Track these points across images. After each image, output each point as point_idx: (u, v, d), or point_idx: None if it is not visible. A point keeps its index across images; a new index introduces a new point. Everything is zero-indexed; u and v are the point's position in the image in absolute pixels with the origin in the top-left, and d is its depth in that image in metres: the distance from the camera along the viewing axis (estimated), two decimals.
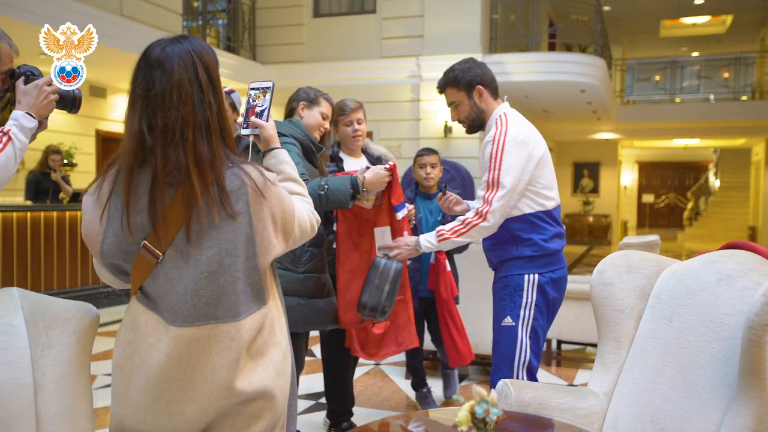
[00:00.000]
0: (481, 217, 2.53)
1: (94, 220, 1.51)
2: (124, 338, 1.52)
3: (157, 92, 1.47)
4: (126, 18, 7.45)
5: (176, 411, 1.49)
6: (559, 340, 5.10)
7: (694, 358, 1.81)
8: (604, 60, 10.58)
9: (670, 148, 21.21)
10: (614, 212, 18.55)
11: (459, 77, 2.66)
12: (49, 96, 1.97)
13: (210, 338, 1.47)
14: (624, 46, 18.24)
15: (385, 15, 9.92)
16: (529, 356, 2.59)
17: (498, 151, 2.51)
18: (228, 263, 1.47)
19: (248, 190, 1.48)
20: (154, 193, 1.46)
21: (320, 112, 2.86)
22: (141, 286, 1.51)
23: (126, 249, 1.50)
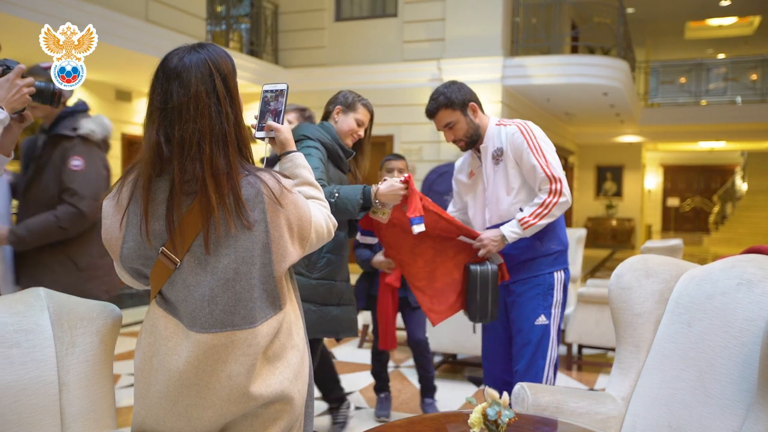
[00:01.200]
0: (557, 194, 2.60)
1: (114, 225, 1.54)
2: (145, 341, 1.55)
3: (174, 104, 1.48)
4: (151, 23, 7.55)
5: (194, 415, 1.52)
6: (580, 345, 5.07)
7: (713, 363, 1.80)
8: (627, 62, 10.49)
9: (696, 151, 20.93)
10: (638, 216, 18.35)
11: (452, 98, 2.70)
12: (22, 89, 1.93)
13: (227, 345, 1.48)
14: (648, 48, 18.04)
15: (407, 18, 9.93)
16: (556, 354, 2.72)
17: (538, 147, 2.63)
18: (244, 271, 1.49)
19: (264, 198, 1.50)
20: (171, 203, 1.48)
21: (356, 118, 2.75)
22: (160, 290, 1.54)
23: (145, 254, 1.52)
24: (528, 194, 2.68)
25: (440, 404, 4.07)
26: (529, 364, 2.65)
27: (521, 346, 2.68)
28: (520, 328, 2.69)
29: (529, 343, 2.66)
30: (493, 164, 2.72)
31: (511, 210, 2.69)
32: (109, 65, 7.91)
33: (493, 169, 2.72)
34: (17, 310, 1.60)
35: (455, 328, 4.41)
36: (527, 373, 2.63)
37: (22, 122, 2.08)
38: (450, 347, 4.55)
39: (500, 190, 2.70)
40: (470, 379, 4.69)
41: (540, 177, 2.61)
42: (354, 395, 4.26)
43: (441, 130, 2.76)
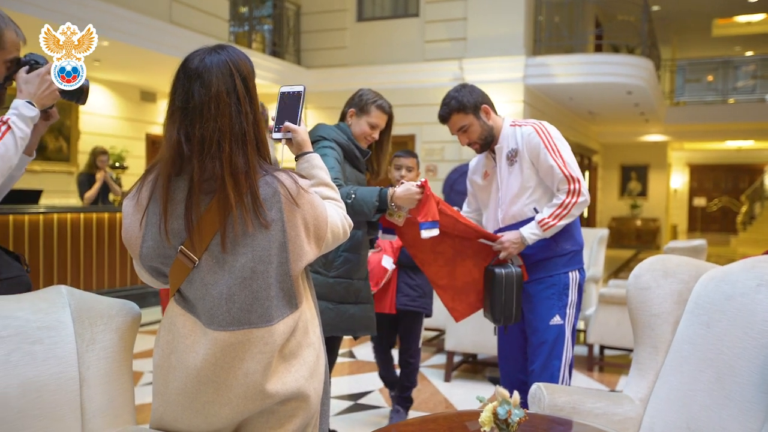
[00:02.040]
0: (576, 194, 2.60)
1: (134, 224, 1.57)
2: (163, 339, 1.58)
3: (195, 104, 1.50)
4: (174, 25, 7.64)
5: (211, 411, 1.54)
6: (602, 346, 5.03)
7: (732, 364, 1.78)
8: (651, 61, 10.37)
9: (723, 150, 20.62)
10: (663, 216, 18.14)
11: (464, 102, 2.70)
12: (52, 86, 1.92)
13: (244, 343, 1.50)
14: (674, 46, 17.82)
15: (428, 18, 9.93)
16: (571, 354, 2.71)
17: (555, 147, 2.62)
18: (261, 270, 1.50)
19: (281, 198, 1.51)
20: (190, 201, 1.50)
21: (368, 122, 2.71)
22: (179, 288, 1.56)
23: (164, 253, 1.54)
24: (543, 194, 2.68)
25: (460, 404, 4.08)
26: (545, 364, 2.65)
27: (536, 346, 2.68)
28: (535, 327, 2.68)
29: (544, 343, 2.65)
30: (508, 165, 2.71)
31: (524, 210, 2.69)
32: (133, 67, 8.02)
33: (507, 170, 2.72)
34: (40, 308, 1.63)
35: (475, 328, 4.40)
36: (543, 373, 2.63)
37: (48, 120, 2.07)
38: (470, 347, 4.54)
39: (514, 191, 2.70)
40: (490, 380, 4.68)
41: (558, 177, 2.61)
42: (373, 394, 4.27)
43: (455, 134, 2.77)
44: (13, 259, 2.13)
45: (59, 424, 1.57)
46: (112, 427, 1.66)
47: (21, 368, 1.53)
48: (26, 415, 1.52)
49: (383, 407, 4.02)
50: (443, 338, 4.64)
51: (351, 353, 5.39)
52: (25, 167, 2.14)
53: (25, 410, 1.52)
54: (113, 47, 6.86)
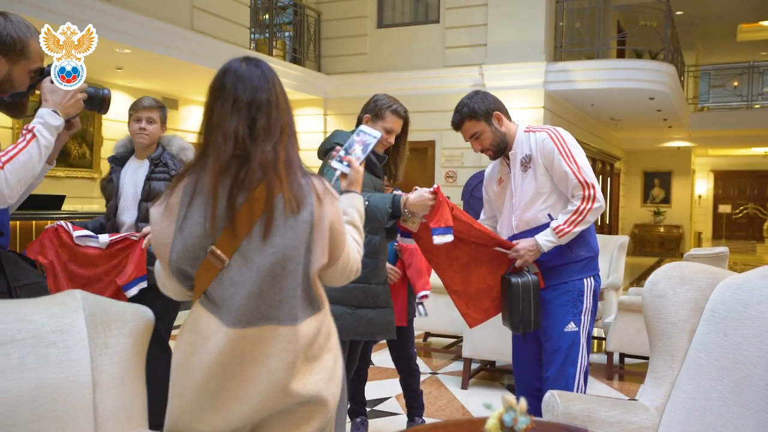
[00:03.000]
0: (591, 200, 2.59)
1: (163, 230, 1.58)
2: (186, 339, 1.59)
3: (262, 99, 1.58)
4: (196, 32, 7.71)
5: (233, 408, 1.55)
6: (622, 354, 4.98)
7: (749, 374, 1.75)
8: (673, 66, 10.27)
9: (749, 156, 20.32)
10: (687, 223, 17.90)
11: (476, 109, 2.71)
12: (76, 95, 1.96)
13: (270, 339, 1.53)
14: (698, 51, 17.61)
15: (449, 24, 9.92)
16: (586, 361, 2.69)
17: (569, 153, 2.62)
18: (291, 269, 1.54)
19: (314, 200, 1.56)
20: (232, 192, 1.54)
21: (384, 127, 2.71)
22: (205, 290, 1.57)
23: (194, 255, 1.56)
24: (557, 200, 2.67)
25: (477, 412, 4.06)
26: (559, 372, 2.63)
27: (551, 353, 2.66)
28: (549, 334, 2.66)
29: (558, 350, 2.63)
30: (522, 171, 2.71)
31: (538, 216, 2.67)
32: (155, 74, 8.11)
33: (521, 176, 2.71)
34: (54, 311, 1.65)
35: (493, 335, 4.37)
36: (557, 381, 2.61)
37: (70, 129, 2.10)
38: (487, 355, 4.51)
39: (528, 197, 2.69)
40: (508, 387, 4.64)
41: (572, 183, 2.60)
42: (390, 401, 4.26)
43: (468, 141, 2.77)
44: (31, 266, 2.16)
45: (72, 427, 1.59)
46: (124, 430, 1.68)
47: (35, 371, 1.56)
48: (40, 418, 1.54)
49: (400, 414, 4.01)
50: (461, 345, 4.61)
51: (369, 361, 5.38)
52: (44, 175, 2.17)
53: (38, 413, 1.54)
54: (135, 54, 6.95)
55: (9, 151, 1.83)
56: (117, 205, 3.13)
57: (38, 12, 5.51)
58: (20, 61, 1.93)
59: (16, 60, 1.91)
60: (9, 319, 1.59)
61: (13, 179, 1.81)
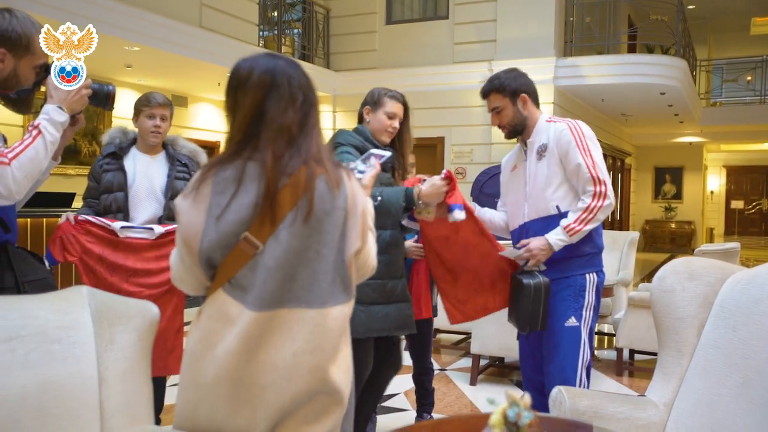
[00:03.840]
0: (602, 197, 2.58)
1: (192, 220, 1.56)
2: (208, 328, 1.56)
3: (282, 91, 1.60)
4: (204, 29, 7.73)
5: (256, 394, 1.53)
6: (632, 350, 4.95)
7: (759, 369, 1.73)
8: (685, 61, 10.18)
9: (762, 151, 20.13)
10: (699, 219, 17.78)
11: (505, 84, 2.72)
12: (81, 91, 1.97)
13: (297, 321, 1.54)
14: (710, 46, 17.47)
15: (458, 20, 9.89)
16: (589, 356, 2.67)
17: (586, 147, 2.61)
18: (325, 253, 1.57)
19: (347, 190, 1.61)
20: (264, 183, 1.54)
21: (385, 112, 2.75)
22: (231, 278, 1.55)
23: (227, 244, 1.54)
24: (567, 192, 2.66)
25: (485, 408, 4.04)
26: (561, 366, 2.62)
27: (551, 347, 2.65)
28: (550, 329, 2.65)
29: (559, 344, 2.63)
30: (537, 159, 2.71)
31: (549, 206, 2.66)
32: (164, 71, 8.13)
33: (536, 165, 2.71)
34: (60, 307, 1.65)
35: (501, 332, 4.36)
36: (558, 375, 2.59)
37: (74, 125, 2.11)
38: (496, 351, 4.50)
39: (540, 186, 2.68)
40: (517, 384, 4.63)
41: (585, 177, 2.59)
42: (398, 397, 4.26)
43: (490, 112, 2.78)
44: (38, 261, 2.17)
45: (78, 423, 1.59)
46: (130, 427, 1.68)
47: (40, 367, 1.56)
48: (45, 414, 1.54)
49: (408, 410, 4.00)
50: (469, 342, 4.60)
51: None
52: (50, 171, 2.18)
53: (44, 409, 1.54)
54: (144, 52, 6.97)
55: (15, 148, 1.84)
56: (125, 199, 3.04)
57: (46, 10, 5.54)
58: (25, 57, 1.93)
59: (21, 56, 1.92)
60: (14, 315, 1.59)
61: (20, 175, 1.81)
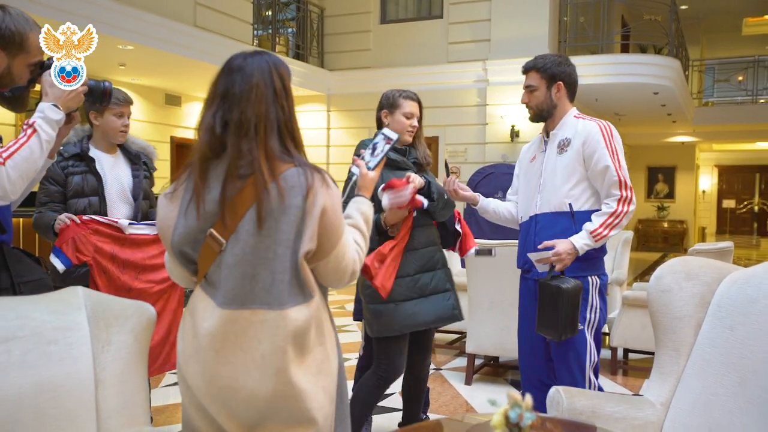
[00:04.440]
0: (628, 203, 2.58)
1: (167, 214, 1.64)
2: (187, 324, 1.64)
3: (235, 92, 1.61)
4: (199, 28, 7.70)
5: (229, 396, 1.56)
6: (626, 349, 4.96)
7: (756, 369, 1.74)
8: (678, 61, 10.22)
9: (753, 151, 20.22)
10: (691, 218, 17.85)
11: (547, 66, 2.71)
12: (77, 88, 1.95)
13: (261, 323, 1.55)
14: (702, 46, 17.55)
15: (452, 20, 9.90)
16: (596, 358, 2.67)
17: (615, 150, 2.62)
18: (281, 253, 1.57)
19: (306, 187, 1.57)
20: (225, 183, 1.57)
21: (403, 113, 2.83)
22: (206, 274, 1.61)
23: (194, 238, 1.60)
24: (583, 192, 2.64)
25: (480, 408, 4.05)
26: (568, 369, 2.61)
27: (558, 350, 2.64)
28: None
29: (565, 347, 2.61)
30: (557, 152, 2.69)
31: (563, 202, 2.64)
32: (158, 70, 8.10)
33: (555, 157, 2.69)
34: (56, 308, 1.64)
35: (497, 331, 4.37)
36: (567, 378, 2.59)
37: (70, 123, 2.09)
38: (491, 350, 4.50)
39: (558, 179, 2.66)
40: (512, 383, 4.63)
41: (612, 180, 2.57)
42: (393, 397, 4.25)
43: (524, 89, 2.77)
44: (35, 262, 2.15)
45: (74, 425, 1.58)
46: (126, 428, 1.67)
47: (37, 369, 1.55)
48: (42, 416, 1.53)
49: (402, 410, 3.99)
50: (464, 341, 4.60)
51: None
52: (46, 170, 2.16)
53: (40, 410, 1.53)
54: (138, 51, 6.94)
55: (10, 147, 1.82)
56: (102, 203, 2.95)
57: (40, 8, 5.51)
58: (20, 55, 1.91)
59: (15, 54, 1.90)
60: (10, 316, 1.58)
61: (14, 175, 1.79)
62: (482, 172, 8.65)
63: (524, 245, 2.79)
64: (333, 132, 10.54)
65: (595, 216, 2.59)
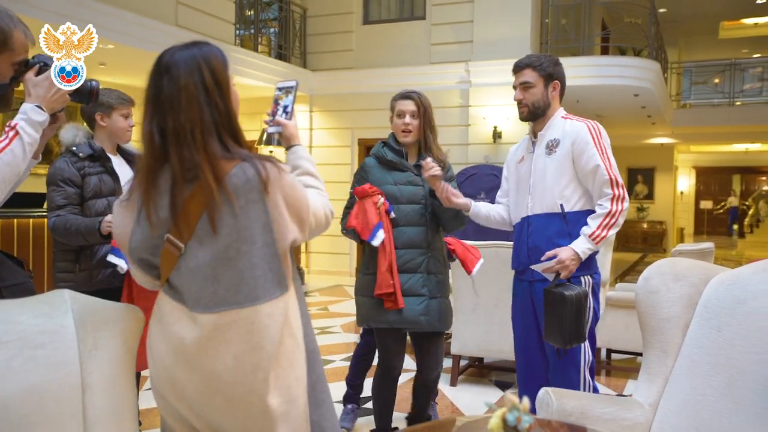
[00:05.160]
0: (621, 201, 2.58)
1: (123, 220, 1.63)
2: (154, 329, 1.62)
3: (165, 97, 1.56)
4: (180, 28, 7.64)
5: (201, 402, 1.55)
6: (609, 350, 5.00)
7: (743, 369, 1.76)
8: (658, 63, 10.33)
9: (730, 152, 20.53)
10: (670, 219, 18.06)
11: (544, 64, 2.71)
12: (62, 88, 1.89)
13: (230, 324, 1.52)
14: (680, 48, 17.76)
15: (435, 21, 9.91)
16: (591, 358, 2.66)
17: (604, 149, 2.63)
18: (245, 250, 1.54)
19: (261, 180, 1.55)
20: (174, 190, 1.55)
21: (395, 114, 2.99)
22: (168, 278, 1.59)
23: (152, 244, 1.59)
24: (573, 192, 2.64)
25: (466, 409, 4.05)
26: (563, 370, 2.61)
27: (553, 352, 2.64)
28: None
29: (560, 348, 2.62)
30: (546, 153, 2.69)
31: (555, 203, 2.64)
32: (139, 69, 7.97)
33: (544, 158, 2.69)
34: (42, 312, 1.61)
35: (481, 332, 4.38)
36: (563, 380, 2.59)
37: (55, 123, 2.04)
38: (476, 351, 4.51)
39: (548, 180, 2.66)
40: (496, 384, 4.65)
41: (603, 179, 2.58)
42: None
43: (516, 88, 2.74)
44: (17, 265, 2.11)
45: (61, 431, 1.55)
46: None
47: (23, 374, 1.52)
48: (28, 422, 1.50)
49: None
50: (449, 342, 4.61)
51: None
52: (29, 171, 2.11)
53: (27, 416, 1.50)
54: (118, 50, 6.87)
55: None
56: None
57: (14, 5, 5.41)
58: (3, 53, 1.86)
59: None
60: None
61: None
62: (465, 173, 8.67)
63: (518, 247, 2.79)
64: (316, 133, 10.50)
65: (591, 219, 2.59)
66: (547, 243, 2.65)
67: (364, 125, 10.00)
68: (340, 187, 10.38)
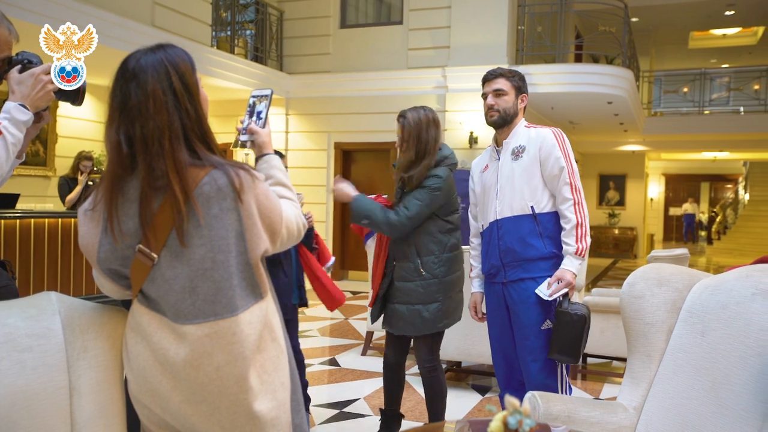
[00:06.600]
0: (581, 206, 2.69)
1: (90, 230, 1.57)
2: (132, 340, 1.57)
3: (133, 104, 1.51)
4: (157, 28, 7.56)
5: (185, 413, 1.53)
6: (585, 354, 5.05)
7: (727, 373, 1.79)
8: (631, 71, 10.49)
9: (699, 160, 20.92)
10: (640, 225, 18.33)
11: (516, 77, 2.82)
12: (47, 86, 1.83)
13: (211, 336, 1.50)
14: (652, 57, 18.06)
15: (412, 26, 9.95)
16: None
17: (568, 154, 2.72)
18: (221, 259, 1.51)
19: (234, 188, 1.52)
20: (142, 200, 1.51)
21: None
22: (141, 289, 1.56)
23: (122, 254, 1.55)
24: (542, 194, 2.71)
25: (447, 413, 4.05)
26: (540, 370, 2.65)
27: (528, 353, 2.67)
28: (525, 335, 2.69)
29: (535, 348, 2.66)
30: (512, 159, 2.76)
31: (524, 205, 2.71)
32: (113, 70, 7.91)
33: (510, 163, 2.76)
34: (29, 314, 1.58)
35: (460, 336, 4.40)
36: (539, 382, 2.62)
37: (39, 122, 1.99)
38: (455, 355, 4.53)
39: (517, 183, 2.73)
40: (474, 387, 4.67)
41: (564, 181, 2.67)
42: (359, 402, 4.24)
43: (488, 95, 2.81)
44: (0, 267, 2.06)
45: None
46: None
47: (10, 377, 1.49)
48: (15, 427, 1.47)
49: (369, 415, 3.99)
50: None
51: (334, 361, 5.35)
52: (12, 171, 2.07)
53: (13, 420, 1.47)
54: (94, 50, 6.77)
55: None
56: None
57: None
58: None
59: None
60: None
61: None
62: None
63: (489, 251, 2.83)
64: (291, 136, 10.46)
65: (566, 237, 2.67)
66: (519, 244, 2.70)
67: (341, 129, 9.99)
68: (316, 190, 10.41)
